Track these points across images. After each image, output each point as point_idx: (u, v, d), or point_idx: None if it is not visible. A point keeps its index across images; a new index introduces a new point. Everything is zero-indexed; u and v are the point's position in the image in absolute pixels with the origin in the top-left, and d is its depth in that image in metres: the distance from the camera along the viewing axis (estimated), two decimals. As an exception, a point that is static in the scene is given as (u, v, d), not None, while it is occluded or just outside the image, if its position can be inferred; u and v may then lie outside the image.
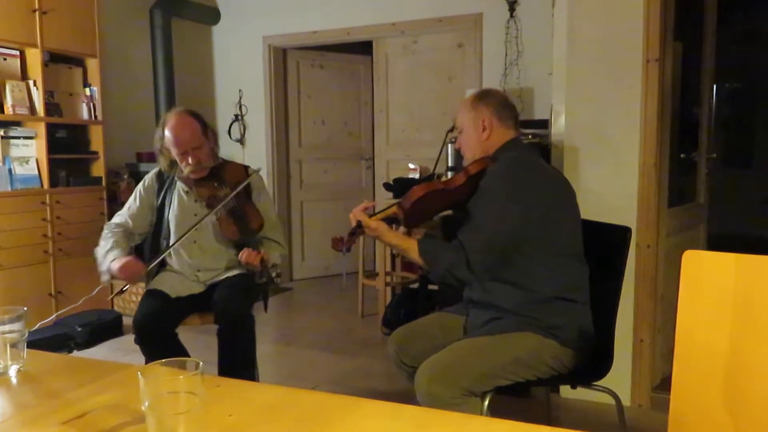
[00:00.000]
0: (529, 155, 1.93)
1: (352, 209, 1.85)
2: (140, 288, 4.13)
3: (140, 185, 2.57)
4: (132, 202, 2.54)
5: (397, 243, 1.82)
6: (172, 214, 2.48)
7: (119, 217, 2.52)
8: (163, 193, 2.52)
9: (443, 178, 1.97)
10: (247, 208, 2.45)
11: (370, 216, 1.79)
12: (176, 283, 2.43)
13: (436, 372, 1.68)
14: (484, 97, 1.94)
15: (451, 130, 2.08)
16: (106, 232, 2.45)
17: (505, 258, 1.77)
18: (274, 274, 2.34)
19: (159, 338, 2.26)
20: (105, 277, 2.33)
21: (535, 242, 1.77)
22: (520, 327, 1.77)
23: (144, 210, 2.52)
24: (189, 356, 2.30)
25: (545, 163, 2.00)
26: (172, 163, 2.50)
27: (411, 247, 1.79)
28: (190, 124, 2.41)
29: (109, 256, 2.32)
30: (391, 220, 1.79)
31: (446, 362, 1.71)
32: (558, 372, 1.79)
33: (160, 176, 2.56)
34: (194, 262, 2.46)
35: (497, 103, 1.92)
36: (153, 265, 2.40)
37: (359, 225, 1.79)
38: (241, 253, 2.36)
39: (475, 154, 1.93)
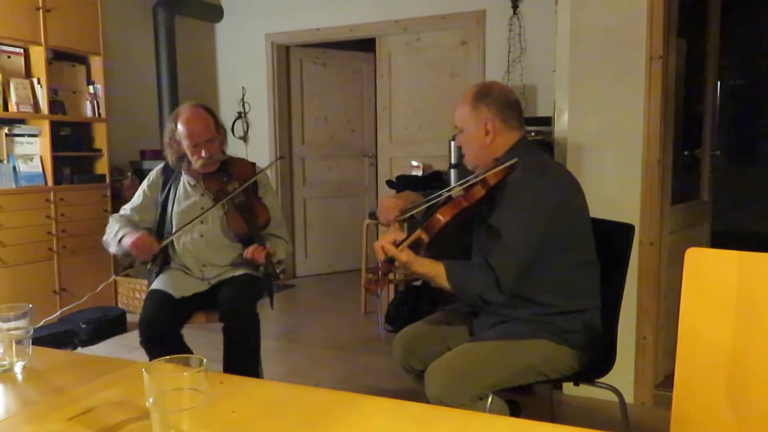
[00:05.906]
0: (543, 159, 1.86)
1: (377, 241, 1.69)
2: (144, 285, 4.16)
3: (145, 182, 2.58)
4: (135, 199, 2.55)
5: (425, 272, 1.70)
6: (176, 209, 2.48)
7: (123, 211, 2.54)
8: (167, 187, 2.53)
9: (454, 189, 1.86)
10: (254, 203, 2.50)
11: (396, 246, 1.66)
12: (180, 283, 2.41)
13: (448, 379, 1.66)
14: (486, 95, 1.83)
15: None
16: (111, 220, 2.48)
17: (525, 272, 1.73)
18: (278, 270, 2.34)
19: (165, 340, 2.25)
20: (116, 250, 2.37)
21: (553, 253, 1.73)
22: (534, 333, 1.74)
23: (148, 205, 2.52)
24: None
25: (558, 165, 1.94)
26: (180, 158, 2.52)
27: (439, 274, 1.68)
28: (204, 117, 2.44)
29: (119, 233, 2.35)
30: (415, 245, 1.68)
31: (459, 368, 1.68)
32: (565, 374, 1.79)
33: (165, 170, 2.57)
34: (200, 257, 2.47)
35: (500, 102, 1.82)
36: (165, 243, 2.42)
37: (390, 260, 1.67)
38: (246, 250, 2.37)
39: (481, 158, 1.86)
